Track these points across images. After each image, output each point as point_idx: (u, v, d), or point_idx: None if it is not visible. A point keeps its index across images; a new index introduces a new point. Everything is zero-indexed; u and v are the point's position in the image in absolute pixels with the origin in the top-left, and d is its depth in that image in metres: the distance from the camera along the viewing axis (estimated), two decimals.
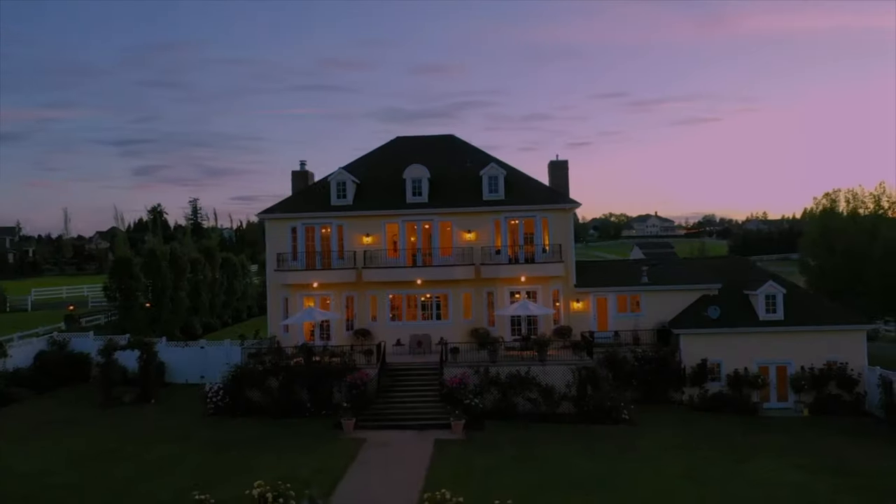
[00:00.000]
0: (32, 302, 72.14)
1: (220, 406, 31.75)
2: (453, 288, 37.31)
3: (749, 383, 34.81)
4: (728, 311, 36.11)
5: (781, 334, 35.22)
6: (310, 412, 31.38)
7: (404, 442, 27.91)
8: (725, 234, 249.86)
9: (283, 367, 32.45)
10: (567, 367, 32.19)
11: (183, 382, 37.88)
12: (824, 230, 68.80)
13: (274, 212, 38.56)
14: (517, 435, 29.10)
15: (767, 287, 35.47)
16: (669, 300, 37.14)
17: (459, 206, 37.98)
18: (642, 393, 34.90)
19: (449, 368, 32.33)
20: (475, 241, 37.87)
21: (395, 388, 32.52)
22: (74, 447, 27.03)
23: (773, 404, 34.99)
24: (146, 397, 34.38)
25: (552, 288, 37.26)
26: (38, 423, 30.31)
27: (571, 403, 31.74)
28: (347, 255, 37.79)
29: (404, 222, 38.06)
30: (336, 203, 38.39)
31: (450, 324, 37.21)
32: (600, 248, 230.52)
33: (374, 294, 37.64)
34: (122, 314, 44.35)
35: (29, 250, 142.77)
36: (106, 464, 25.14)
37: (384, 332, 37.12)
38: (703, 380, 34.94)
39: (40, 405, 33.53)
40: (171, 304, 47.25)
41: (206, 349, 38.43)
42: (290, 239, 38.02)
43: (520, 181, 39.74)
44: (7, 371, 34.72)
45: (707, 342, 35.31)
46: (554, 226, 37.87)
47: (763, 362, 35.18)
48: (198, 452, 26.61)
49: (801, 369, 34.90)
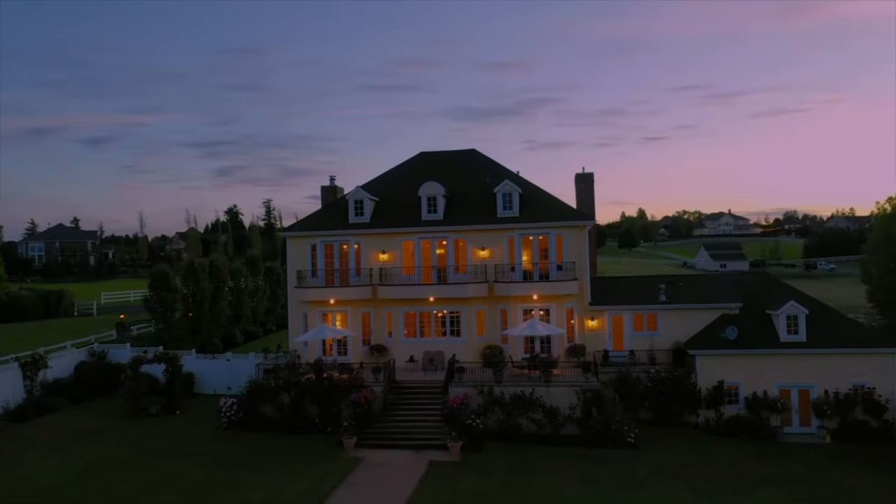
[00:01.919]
0: (101, 306, 76.50)
1: (234, 420, 33.04)
2: (466, 305, 37.56)
3: (768, 407, 33.69)
4: (748, 331, 34.98)
5: (804, 356, 33.92)
6: (318, 428, 32.30)
7: (399, 463, 28.36)
8: (804, 232, 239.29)
9: (295, 383, 33.48)
10: (571, 388, 31.96)
11: (211, 393, 39.52)
12: (888, 235, 65.37)
13: (294, 230, 39.74)
14: (515, 458, 29.11)
15: (788, 307, 34.19)
16: (688, 319, 36.27)
17: (474, 223, 38.17)
18: (656, 415, 34.33)
19: (454, 387, 32.60)
20: (489, 258, 37.98)
21: (400, 406, 33.06)
22: (93, 458, 28.70)
23: (794, 429, 33.77)
24: (172, 409, 36.10)
25: (566, 306, 36.98)
26: (68, 434, 32.31)
27: (576, 425, 31.52)
28: (364, 272, 38.57)
29: (419, 239, 38.55)
30: (354, 221, 39.24)
31: (463, 341, 37.49)
32: (668, 248, 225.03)
33: (389, 311, 38.31)
34: (161, 325, 46.59)
35: (108, 252, 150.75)
36: (115, 476, 26.61)
37: (399, 348, 37.76)
38: (719, 402, 34.02)
39: (75, 415, 35.67)
40: (210, 314, 49.22)
41: (231, 362, 39.99)
42: (310, 256, 39.09)
43: (536, 198, 39.57)
44: (47, 381, 37.09)
45: (724, 363, 34.34)
46: (569, 243, 37.54)
47: (784, 385, 33.96)
48: (201, 467, 27.83)
49: (825, 393, 33.51)
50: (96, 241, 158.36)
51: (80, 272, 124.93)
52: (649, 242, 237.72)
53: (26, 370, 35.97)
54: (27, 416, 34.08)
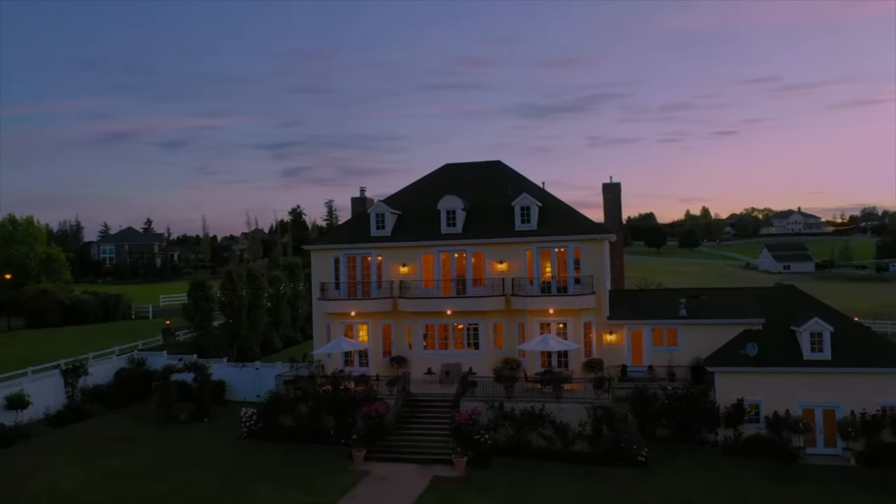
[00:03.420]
0: (160, 308, 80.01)
1: (254, 430, 34.21)
2: (484, 318, 37.77)
3: (790, 427, 32.65)
4: (770, 348, 33.99)
5: (828, 375, 32.74)
6: (333, 440, 33.11)
7: (403, 477, 28.86)
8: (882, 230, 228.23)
9: (312, 394, 34.41)
10: (582, 404, 31.83)
11: (241, 400, 40.82)
12: None
13: (317, 243, 40.75)
14: (519, 475, 29.21)
15: (812, 324, 33.05)
16: (708, 335, 35.49)
17: (492, 236, 38.33)
18: (672, 432, 33.77)
19: (465, 402, 32.90)
20: (507, 272, 38.06)
21: (413, 418, 33.57)
22: (115, 466, 30.26)
23: (818, 450, 32.61)
24: (200, 416, 37.64)
25: (584, 320, 36.74)
26: (98, 440, 34.11)
27: (586, 442, 31.37)
28: (385, 284, 39.23)
29: (439, 252, 38.96)
30: (375, 234, 39.95)
31: (481, 354, 37.74)
32: (732, 248, 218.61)
33: (409, 323, 38.87)
34: (200, 333, 48.51)
35: (174, 254, 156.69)
36: (133, 484, 28.04)
37: (418, 360, 38.30)
38: (738, 421, 33.18)
39: (109, 421, 37.60)
40: (248, 321, 50.87)
41: (259, 370, 41.35)
42: (333, 269, 40.00)
43: (555, 211, 39.39)
44: (87, 387, 39.23)
45: (744, 381, 33.46)
46: (587, 256, 37.27)
47: (808, 405, 32.86)
48: (214, 477, 29.01)
49: (851, 414, 32.28)
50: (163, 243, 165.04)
51: (146, 273, 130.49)
52: (713, 242, 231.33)
53: (67, 377, 38.17)
54: (65, 422, 36.18)
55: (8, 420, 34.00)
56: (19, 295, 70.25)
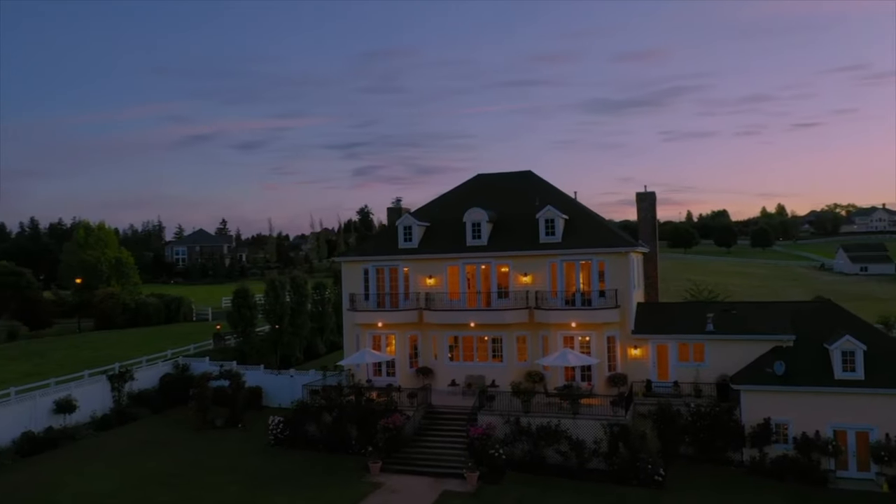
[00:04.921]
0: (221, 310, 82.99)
1: (280, 438, 35.41)
2: (507, 331, 37.83)
3: (819, 449, 31.48)
4: (801, 366, 32.80)
5: (861, 396, 31.37)
6: (354, 450, 33.91)
7: (414, 490, 29.36)
8: None
9: (337, 404, 35.33)
10: (598, 421, 31.56)
11: (276, 406, 42.25)
12: None
13: (348, 255, 41.67)
14: (529, 492, 29.26)
15: (844, 342, 31.72)
16: (736, 351, 34.51)
17: (516, 248, 38.31)
18: (696, 450, 33.11)
19: (483, 415, 33.12)
20: (532, 285, 37.97)
21: (432, 430, 34.04)
22: (149, 470, 31.90)
23: (850, 474, 31.32)
24: (235, 421, 39.18)
25: (607, 333, 36.31)
26: (137, 443, 35.99)
27: (602, 459, 31.12)
28: (413, 295, 39.80)
29: (464, 265, 39.23)
30: (403, 246, 40.54)
31: (504, 366, 37.82)
32: (808, 247, 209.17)
33: (434, 334, 39.31)
34: (243, 339, 50.32)
35: (242, 255, 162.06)
36: (158, 489, 29.55)
37: (443, 371, 38.73)
38: (765, 441, 32.19)
39: (151, 425, 39.57)
40: (291, 327, 52.39)
41: (294, 378, 42.61)
42: (363, 280, 40.83)
43: (583, 222, 39.03)
44: (133, 392, 41.41)
45: (771, 400, 32.43)
46: (611, 270, 36.79)
47: (839, 426, 31.58)
48: (237, 484, 30.24)
49: (886, 437, 30.85)
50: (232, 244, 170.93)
51: (215, 274, 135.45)
52: (788, 241, 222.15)
53: (114, 382, 40.38)
54: (110, 425, 38.29)
55: (56, 423, 36.25)
56: (90, 298, 74.45)
